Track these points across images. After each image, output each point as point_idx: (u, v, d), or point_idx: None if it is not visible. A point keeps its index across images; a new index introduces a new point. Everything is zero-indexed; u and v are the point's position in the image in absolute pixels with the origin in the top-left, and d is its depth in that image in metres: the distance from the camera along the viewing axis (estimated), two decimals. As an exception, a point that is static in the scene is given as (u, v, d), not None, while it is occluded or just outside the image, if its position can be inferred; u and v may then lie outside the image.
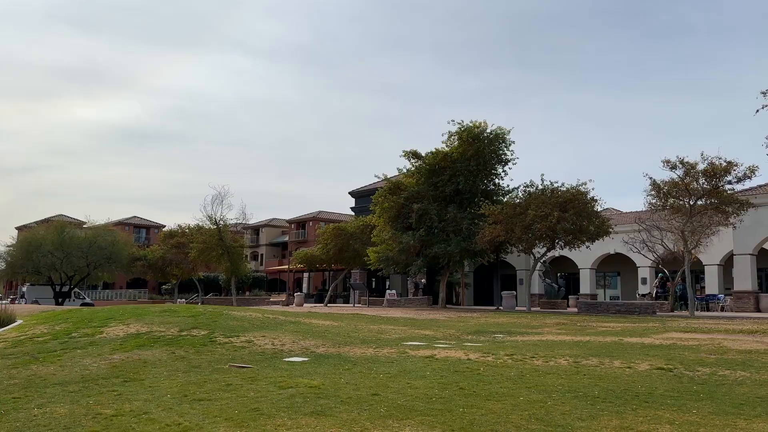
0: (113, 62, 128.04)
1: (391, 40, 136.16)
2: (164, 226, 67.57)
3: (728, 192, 24.65)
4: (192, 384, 7.57)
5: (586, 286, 37.34)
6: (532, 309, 30.54)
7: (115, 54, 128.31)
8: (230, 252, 40.42)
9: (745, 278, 28.58)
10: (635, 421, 5.38)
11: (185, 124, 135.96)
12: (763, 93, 21.24)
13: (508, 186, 33.21)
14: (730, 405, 6.06)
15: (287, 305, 38.96)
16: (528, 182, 30.17)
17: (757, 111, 21.50)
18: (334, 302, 43.25)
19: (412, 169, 33.37)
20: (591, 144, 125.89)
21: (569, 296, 37.31)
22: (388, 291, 38.58)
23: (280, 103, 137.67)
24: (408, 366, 8.85)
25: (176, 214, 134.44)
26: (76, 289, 47.53)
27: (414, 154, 33.15)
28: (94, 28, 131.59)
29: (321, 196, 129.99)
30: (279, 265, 63.20)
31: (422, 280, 38.20)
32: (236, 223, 42.51)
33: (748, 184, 25.19)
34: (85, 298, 47.52)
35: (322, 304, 39.62)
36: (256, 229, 74.34)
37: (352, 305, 38.77)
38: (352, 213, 48.89)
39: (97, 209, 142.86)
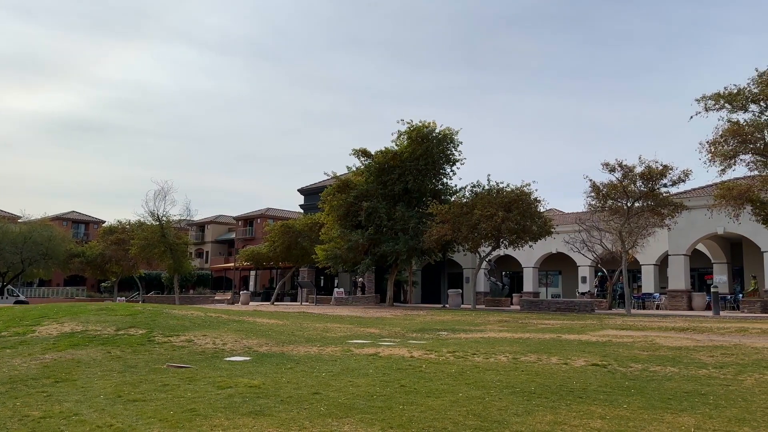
0: (52, 50, 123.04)
1: (342, 37, 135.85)
2: (104, 222, 65.25)
3: (664, 194, 25.72)
4: (127, 384, 7.35)
5: (529, 284, 38.26)
6: (477, 307, 31.05)
7: (54, 42, 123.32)
8: (173, 249, 39.47)
9: (678, 278, 29.84)
10: (569, 415, 5.53)
11: (128, 116, 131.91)
12: (697, 100, 22.31)
13: (455, 186, 33.71)
14: (659, 400, 6.30)
15: (232, 304, 38.34)
16: (475, 182, 30.74)
17: (691, 117, 22.60)
18: (282, 300, 42.86)
19: (362, 167, 33.42)
20: (537, 145, 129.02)
21: (513, 294, 38.15)
22: (336, 289, 38.49)
23: (228, 96, 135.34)
24: (351, 364, 8.84)
25: (117, 210, 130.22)
26: (9, 287, 45.49)
27: (364, 153, 33.22)
28: (31, 15, 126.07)
29: (269, 192, 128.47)
30: (225, 263, 62.08)
31: (359, 279, 38.31)
32: (180, 220, 41.54)
33: (682, 187, 26.39)
34: (19, 296, 45.50)
35: (268, 303, 39.17)
36: (201, 226, 72.79)
37: (299, 303, 38.51)
38: (301, 210, 48.59)
39: (33, 203, 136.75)
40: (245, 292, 41.37)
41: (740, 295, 28.69)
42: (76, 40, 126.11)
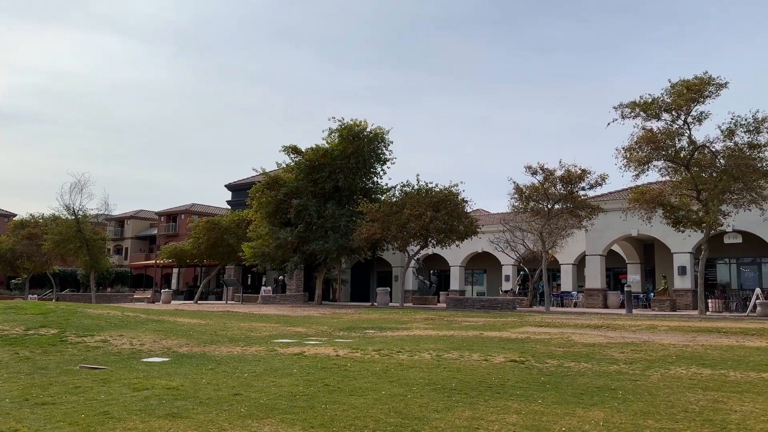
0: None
1: (274, 29, 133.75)
2: (15, 215, 61.53)
3: (582, 197, 26.89)
4: (36, 387, 6.97)
5: (455, 282, 39.04)
6: (405, 305, 31.41)
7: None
8: (90, 245, 37.83)
9: (595, 277, 31.26)
10: (486, 411, 5.68)
11: (44, 104, 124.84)
12: (615, 108, 23.50)
13: (386, 185, 33.99)
14: (572, 394, 6.57)
15: (153, 302, 37.08)
16: (405, 182, 31.10)
17: (609, 124, 23.80)
18: (206, 299, 41.82)
19: (292, 164, 33.15)
20: (465, 146, 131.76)
21: (440, 292, 38.83)
22: (263, 288, 37.92)
23: (154, 87, 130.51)
24: (275, 364, 8.74)
25: (30, 203, 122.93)
26: None
27: (294, 150, 32.96)
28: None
29: (195, 187, 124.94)
30: (146, 260, 59.90)
31: (281, 277, 37.95)
32: (97, 214, 39.84)
33: (599, 190, 27.70)
34: None
35: (191, 302, 38.13)
36: (120, 221, 69.91)
37: (224, 302, 37.70)
38: (228, 207, 47.60)
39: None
40: (167, 290, 40.11)
41: (651, 294, 30.34)
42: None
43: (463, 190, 30.46)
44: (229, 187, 47.62)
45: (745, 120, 22.07)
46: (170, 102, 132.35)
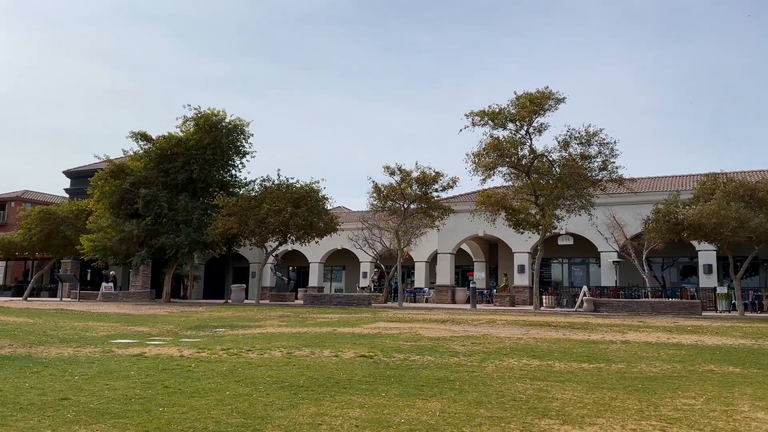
0: None
1: (127, 6, 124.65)
2: None
3: (435, 198, 28.20)
4: None
5: (314, 279, 39.15)
6: (262, 302, 30.88)
7: None
8: None
9: (445, 274, 32.92)
10: (331, 407, 5.75)
11: None
12: (467, 115, 24.86)
13: (245, 178, 33.22)
14: (414, 387, 6.84)
15: (-26, 299, 33.06)
16: (265, 176, 30.56)
17: (461, 130, 25.16)
18: (38, 296, 38.09)
19: (141, 152, 31.23)
20: (328, 144, 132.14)
21: (299, 288, 38.67)
22: (104, 284, 35.31)
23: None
24: (111, 366, 8.17)
25: None
26: None
27: (143, 136, 31.10)
28: None
29: (28, 173, 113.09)
30: (-33, 252, 53.23)
31: (111, 273, 35.73)
32: None
33: (451, 192, 29.23)
34: None
35: (20, 298, 34.54)
36: (-64, 208, 61.45)
37: (59, 299, 34.59)
38: (66, 195, 43.80)
39: None
40: (-9, 286, 35.98)
41: (494, 290, 32.56)
42: None
43: (324, 187, 30.65)
44: (68, 173, 43.83)
45: (578, 133, 24.42)
46: (2, 77, 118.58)
